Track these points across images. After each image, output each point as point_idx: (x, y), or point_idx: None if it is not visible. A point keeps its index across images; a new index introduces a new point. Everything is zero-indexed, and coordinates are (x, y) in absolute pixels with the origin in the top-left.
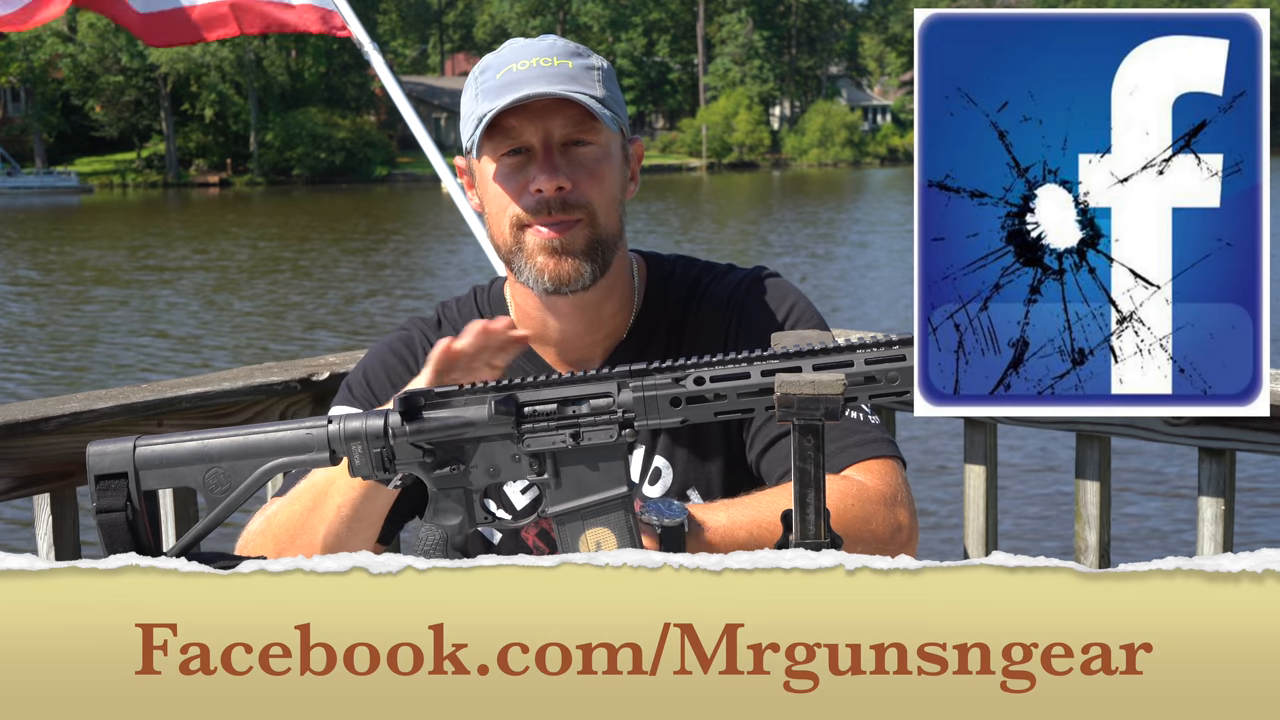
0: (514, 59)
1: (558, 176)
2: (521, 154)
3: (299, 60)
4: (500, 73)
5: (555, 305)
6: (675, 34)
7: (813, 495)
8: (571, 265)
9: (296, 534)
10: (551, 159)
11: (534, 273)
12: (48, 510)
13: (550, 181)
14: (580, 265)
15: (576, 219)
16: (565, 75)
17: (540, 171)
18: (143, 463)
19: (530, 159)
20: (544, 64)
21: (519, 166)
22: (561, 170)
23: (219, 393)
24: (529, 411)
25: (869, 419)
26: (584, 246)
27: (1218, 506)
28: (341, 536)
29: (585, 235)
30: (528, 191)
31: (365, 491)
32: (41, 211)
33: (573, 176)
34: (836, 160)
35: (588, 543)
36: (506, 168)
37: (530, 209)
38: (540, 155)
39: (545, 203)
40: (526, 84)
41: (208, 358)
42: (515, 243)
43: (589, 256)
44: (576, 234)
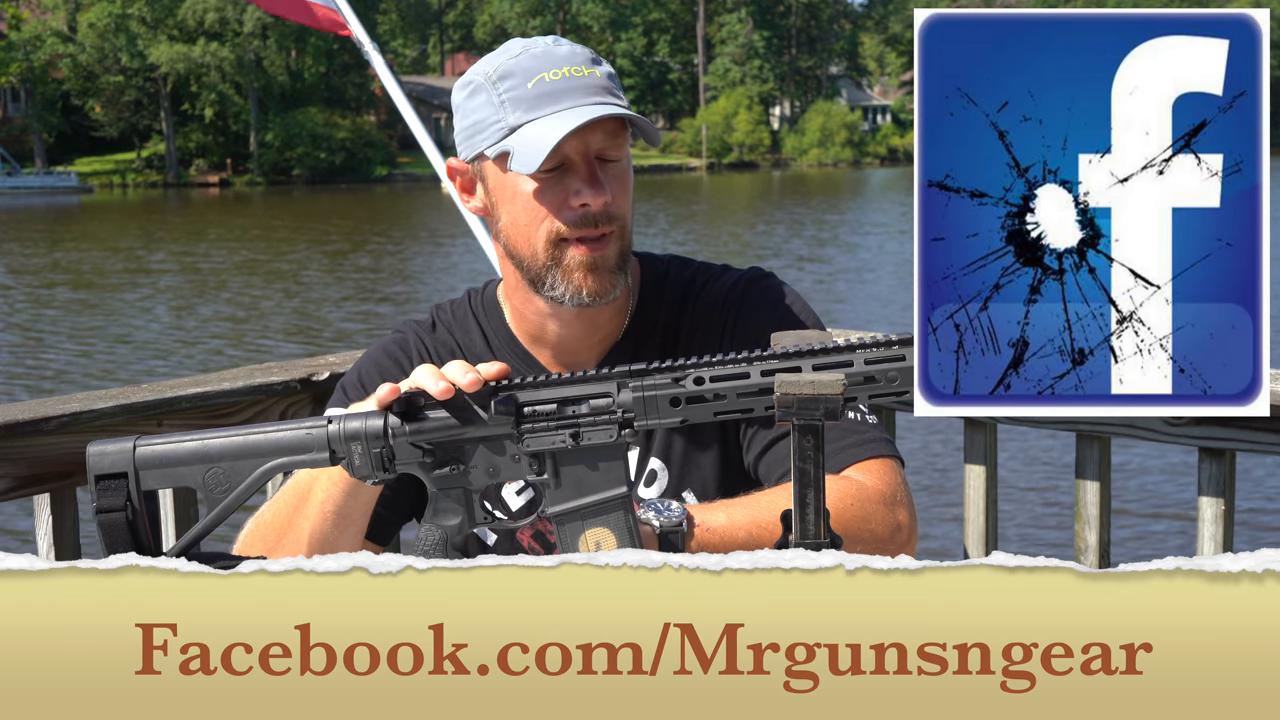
0: (540, 68)
1: (603, 191)
2: (558, 169)
3: (299, 60)
4: (531, 81)
5: (561, 313)
6: (675, 34)
7: (812, 495)
8: (608, 280)
9: (284, 533)
10: (595, 174)
11: (571, 289)
12: (48, 510)
13: (599, 197)
14: (614, 278)
15: (610, 232)
16: (599, 87)
17: (586, 186)
18: (143, 463)
19: (566, 173)
20: (576, 74)
21: (557, 180)
22: (604, 185)
23: (219, 393)
24: (529, 411)
25: (867, 419)
26: (616, 260)
27: (1218, 506)
28: (328, 535)
29: (617, 248)
30: (568, 206)
31: (348, 488)
32: (41, 211)
33: (611, 190)
34: (836, 160)
35: (587, 543)
36: (545, 181)
37: (573, 223)
38: (584, 170)
39: (591, 217)
40: (567, 96)
41: (176, 364)
42: (550, 258)
43: (619, 269)
44: (610, 248)
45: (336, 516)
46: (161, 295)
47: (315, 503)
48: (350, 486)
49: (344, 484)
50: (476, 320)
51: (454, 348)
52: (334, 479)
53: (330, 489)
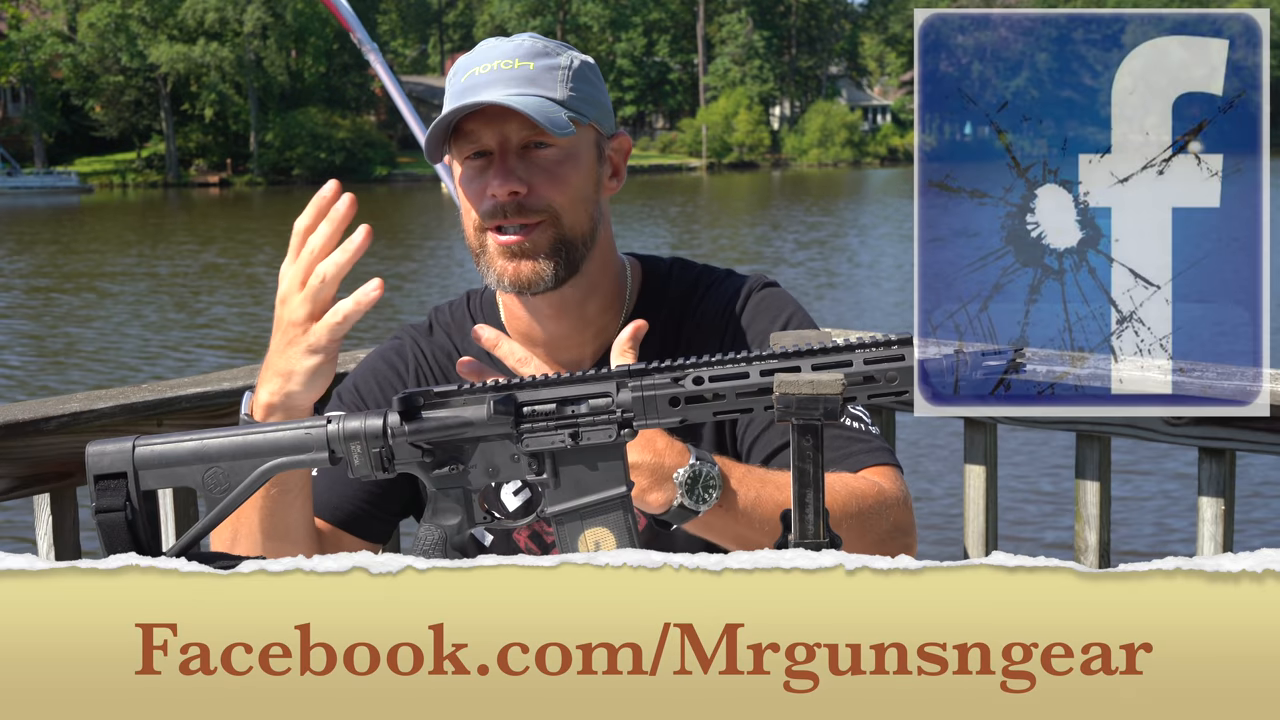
0: (477, 62)
1: (510, 181)
2: (483, 157)
3: (299, 60)
4: (465, 75)
5: (534, 306)
6: (675, 34)
7: (811, 495)
8: (531, 268)
9: (237, 526)
10: (505, 163)
11: (494, 276)
12: (48, 510)
13: (503, 186)
14: (541, 267)
15: (538, 221)
16: (523, 78)
17: (494, 176)
18: (142, 463)
19: (490, 163)
20: (504, 67)
21: (480, 170)
22: (517, 174)
23: (219, 393)
24: (528, 411)
25: (869, 429)
26: (547, 248)
27: (1218, 506)
28: (274, 512)
29: (549, 236)
30: (486, 196)
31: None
32: (41, 211)
33: (530, 180)
34: (836, 160)
35: (587, 542)
36: (470, 171)
37: (486, 213)
38: (497, 160)
39: (500, 207)
40: (482, 89)
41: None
42: (478, 245)
43: (552, 257)
44: (539, 236)
45: (278, 495)
46: (161, 295)
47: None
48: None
49: None
50: (474, 321)
51: (451, 351)
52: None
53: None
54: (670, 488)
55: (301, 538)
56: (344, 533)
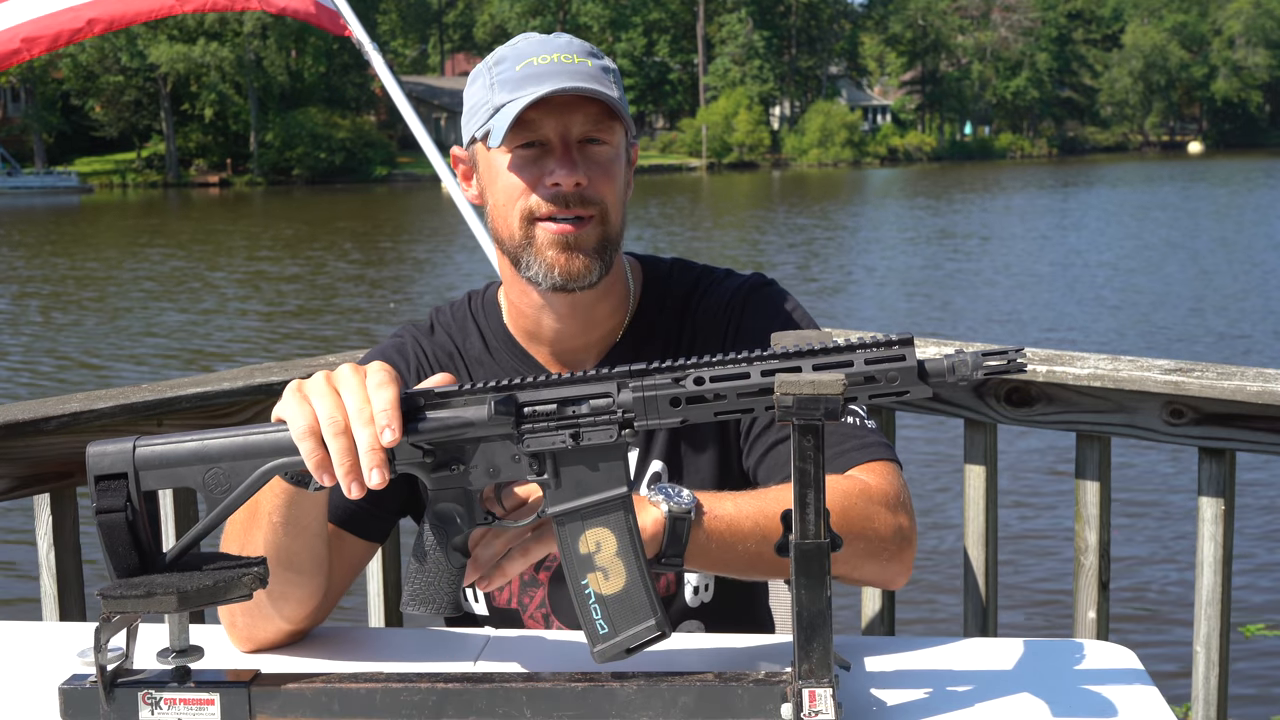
0: (532, 53)
1: (576, 172)
2: (537, 147)
3: (299, 60)
4: (520, 65)
5: (553, 304)
6: (675, 34)
7: (812, 495)
8: (582, 262)
9: (244, 546)
10: (571, 154)
11: (543, 268)
12: (48, 510)
13: (570, 176)
14: (591, 262)
15: (590, 215)
16: (586, 73)
17: (560, 165)
18: (142, 463)
19: (546, 153)
20: (564, 60)
21: (534, 159)
22: (580, 166)
23: (219, 393)
24: (529, 412)
25: (866, 424)
26: (595, 244)
27: (1218, 506)
28: (282, 544)
29: (597, 233)
30: (543, 184)
31: (289, 498)
32: (41, 211)
33: (589, 173)
34: (836, 160)
35: (587, 543)
36: (521, 159)
37: (548, 199)
38: (559, 150)
39: (563, 197)
40: (550, 78)
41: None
42: (524, 236)
43: (599, 254)
44: (589, 231)
45: (286, 525)
46: (161, 295)
47: (264, 515)
48: (292, 495)
49: (285, 494)
50: (475, 322)
51: (452, 351)
52: (275, 490)
53: (273, 500)
54: (653, 506)
55: (309, 570)
56: (344, 531)
